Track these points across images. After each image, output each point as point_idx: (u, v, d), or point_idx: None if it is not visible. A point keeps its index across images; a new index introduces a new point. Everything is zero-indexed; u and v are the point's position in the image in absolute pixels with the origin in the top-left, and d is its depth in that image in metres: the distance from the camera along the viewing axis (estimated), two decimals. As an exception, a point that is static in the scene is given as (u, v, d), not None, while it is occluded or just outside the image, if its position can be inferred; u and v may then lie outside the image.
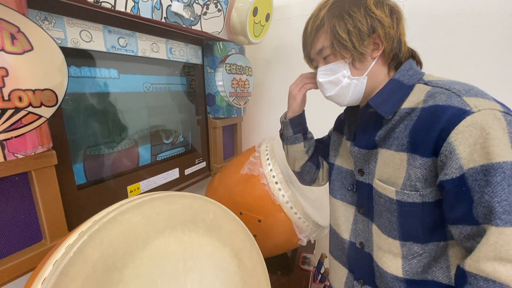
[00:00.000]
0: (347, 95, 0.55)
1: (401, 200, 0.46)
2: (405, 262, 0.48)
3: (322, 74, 0.56)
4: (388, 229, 0.50)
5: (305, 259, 1.04)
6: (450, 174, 0.39)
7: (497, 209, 0.35)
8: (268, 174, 0.81)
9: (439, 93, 0.44)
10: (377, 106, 0.51)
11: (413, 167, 0.44)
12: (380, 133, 0.51)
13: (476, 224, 0.38)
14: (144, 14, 0.65)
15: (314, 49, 0.56)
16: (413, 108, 0.47)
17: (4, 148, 0.44)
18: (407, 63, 0.53)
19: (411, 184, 0.45)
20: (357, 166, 0.58)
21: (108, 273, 0.35)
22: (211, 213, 0.51)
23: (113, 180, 0.73)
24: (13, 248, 0.52)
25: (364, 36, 0.50)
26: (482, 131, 0.36)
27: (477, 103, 0.39)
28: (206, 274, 0.46)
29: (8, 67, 0.42)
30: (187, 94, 0.99)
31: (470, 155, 0.37)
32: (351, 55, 0.51)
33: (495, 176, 0.35)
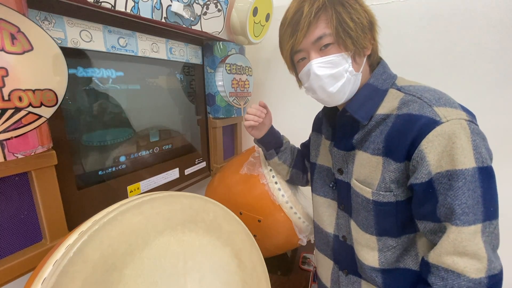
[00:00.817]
0: (346, 93, 0.52)
1: (376, 200, 0.49)
2: (381, 255, 0.52)
3: (320, 66, 0.50)
4: (365, 226, 0.53)
5: (305, 259, 1.04)
6: (420, 179, 0.43)
7: (457, 210, 0.40)
8: (268, 174, 0.81)
9: (412, 101, 0.46)
10: (354, 111, 0.52)
11: (388, 170, 0.47)
12: (357, 137, 0.53)
13: (438, 221, 0.43)
14: (144, 14, 0.65)
15: (309, 36, 0.49)
16: (388, 114, 0.49)
17: (4, 148, 0.44)
18: (381, 67, 0.54)
19: (386, 186, 0.48)
20: (336, 165, 0.60)
21: (108, 273, 0.35)
22: (211, 213, 0.51)
23: (113, 180, 0.73)
24: (13, 248, 0.52)
25: (365, 29, 0.49)
26: (449, 140, 0.40)
27: (446, 113, 0.42)
28: (206, 274, 0.46)
29: (8, 67, 0.42)
30: (187, 94, 0.99)
31: (438, 161, 0.41)
32: (354, 47, 0.49)
33: (457, 181, 0.40)
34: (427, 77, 0.98)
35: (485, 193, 0.40)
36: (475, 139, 0.40)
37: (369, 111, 0.51)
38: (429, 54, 0.98)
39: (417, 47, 0.99)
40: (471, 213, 0.39)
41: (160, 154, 0.88)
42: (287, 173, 0.79)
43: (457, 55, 0.94)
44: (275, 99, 1.33)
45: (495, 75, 0.90)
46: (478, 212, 0.39)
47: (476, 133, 0.41)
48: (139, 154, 0.81)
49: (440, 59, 0.96)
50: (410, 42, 1.00)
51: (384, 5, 1.02)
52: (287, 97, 1.29)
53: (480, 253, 0.39)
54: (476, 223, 0.39)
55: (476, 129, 0.42)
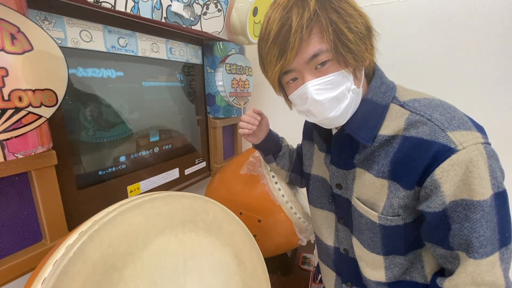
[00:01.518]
0: (348, 113, 0.46)
1: (384, 224, 0.47)
2: (388, 271, 0.50)
3: (319, 89, 0.43)
4: (371, 246, 0.50)
5: (305, 259, 1.04)
6: (433, 208, 0.40)
7: (475, 243, 0.38)
8: (268, 174, 0.81)
9: (420, 123, 0.41)
10: (355, 133, 0.47)
11: (396, 197, 0.44)
12: (359, 157, 0.49)
13: (450, 249, 0.41)
14: (144, 14, 0.65)
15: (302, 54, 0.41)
16: (393, 135, 0.44)
17: (4, 148, 0.44)
18: (377, 78, 0.48)
19: (394, 211, 0.45)
20: (334, 180, 0.56)
21: (108, 273, 0.35)
22: (211, 213, 0.51)
23: (113, 180, 0.73)
24: (13, 248, 0.52)
25: (364, 38, 0.42)
26: (466, 169, 0.37)
27: (461, 139, 0.38)
28: (206, 274, 0.46)
29: (8, 67, 0.42)
30: (187, 94, 0.99)
31: (454, 191, 0.38)
32: (356, 62, 0.42)
33: (475, 213, 0.37)
34: (427, 77, 0.98)
35: (501, 220, 0.38)
36: (491, 163, 0.38)
37: (371, 132, 0.46)
38: (429, 54, 0.98)
39: (417, 47, 0.99)
40: (489, 244, 0.38)
41: (160, 154, 0.88)
42: (286, 177, 0.79)
43: (458, 55, 0.94)
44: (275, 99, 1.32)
45: (496, 75, 0.90)
46: (495, 241, 0.38)
47: (491, 155, 0.38)
48: (139, 154, 0.81)
49: (441, 59, 0.96)
50: (410, 42, 1.00)
51: (384, 5, 1.02)
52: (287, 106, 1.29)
53: (498, 282, 0.38)
54: (493, 252, 0.38)
55: (491, 151, 0.39)
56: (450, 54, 0.95)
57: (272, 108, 1.36)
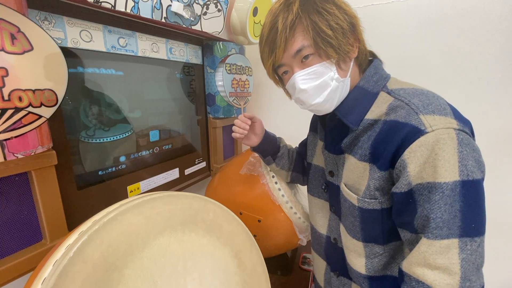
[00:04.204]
0: (335, 100, 0.50)
1: (362, 207, 0.48)
2: (368, 261, 0.51)
3: (304, 79, 0.49)
4: (352, 231, 0.52)
5: (305, 259, 1.04)
6: (400, 188, 0.42)
7: (431, 224, 0.39)
8: (268, 174, 0.81)
9: (400, 107, 0.44)
10: (343, 116, 0.51)
11: (373, 178, 0.46)
12: (346, 141, 0.52)
13: (415, 232, 0.43)
14: (144, 14, 0.65)
15: (288, 50, 0.48)
16: (376, 119, 0.48)
17: (4, 148, 0.44)
18: (373, 67, 0.52)
19: (371, 193, 0.47)
20: (327, 167, 0.59)
21: (108, 273, 0.35)
22: (211, 213, 0.51)
23: (113, 180, 0.73)
24: (13, 248, 0.52)
25: (347, 33, 0.47)
26: (432, 151, 0.39)
27: (432, 122, 0.40)
28: (206, 274, 0.46)
29: (8, 67, 0.42)
30: (187, 94, 0.99)
31: (419, 173, 0.40)
32: (337, 54, 0.47)
33: (435, 194, 0.39)
34: (427, 77, 0.98)
35: (466, 208, 0.38)
36: (462, 150, 0.38)
37: (358, 116, 0.50)
38: (429, 54, 0.98)
39: (417, 47, 0.99)
40: (445, 227, 0.38)
41: (160, 154, 0.88)
42: (287, 177, 0.79)
43: (458, 55, 0.94)
44: (275, 99, 1.33)
45: (497, 75, 0.90)
46: (454, 227, 0.38)
47: (465, 143, 0.39)
48: (139, 154, 0.81)
49: (440, 59, 0.96)
50: (410, 42, 1.00)
51: (384, 5, 1.02)
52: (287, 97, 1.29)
53: (452, 268, 0.38)
54: (450, 237, 0.38)
55: (466, 139, 0.39)
56: (450, 54, 0.95)
57: (272, 108, 1.36)
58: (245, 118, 0.69)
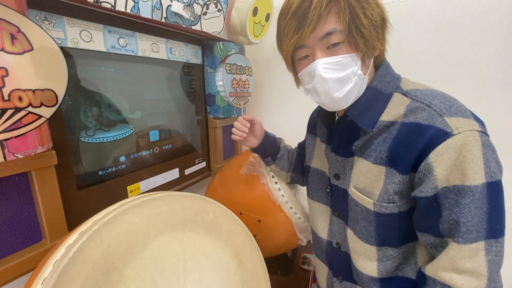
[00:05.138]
0: (351, 98, 0.48)
1: (378, 211, 0.47)
2: (380, 264, 0.50)
3: (327, 68, 0.44)
4: (365, 236, 0.50)
5: (305, 259, 1.04)
6: (425, 192, 0.40)
7: (461, 228, 0.38)
8: (268, 174, 0.81)
9: (420, 109, 0.43)
10: (356, 118, 0.49)
11: (392, 182, 0.45)
12: (358, 143, 0.50)
13: (440, 236, 0.41)
14: (144, 14, 0.65)
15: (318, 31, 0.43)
16: (392, 121, 0.46)
17: (4, 148, 0.44)
18: (384, 67, 0.50)
19: (389, 197, 0.45)
20: (332, 170, 0.57)
21: (108, 273, 0.35)
22: (211, 213, 0.51)
23: (113, 180, 0.73)
24: (13, 248, 0.52)
25: (378, 28, 0.44)
26: (460, 154, 0.38)
27: (458, 124, 0.39)
28: (206, 274, 0.46)
29: (8, 67, 0.42)
30: (187, 94, 0.99)
31: (446, 176, 0.39)
32: (366, 48, 0.43)
33: (465, 198, 0.37)
34: (427, 77, 0.98)
35: (492, 210, 0.38)
36: (485, 152, 0.38)
37: (373, 118, 0.48)
38: (429, 54, 0.98)
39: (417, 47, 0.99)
40: (475, 231, 0.38)
41: (160, 154, 0.88)
42: (287, 178, 0.79)
43: (458, 55, 0.94)
44: (275, 99, 1.33)
45: (498, 75, 0.90)
46: (481, 229, 0.38)
47: (487, 145, 0.38)
48: (139, 154, 0.81)
49: (441, 59, 0.96)
50: (410, 42, 1.00)
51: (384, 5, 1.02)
52: (287, 97, 1.29)
53: (480, 271, 0.38)
54: (478, 240, 0.38)
55: (487, 141, 0.39)
56: (450, 54, 0.95)
57: (272, 108, 1.36)
58: (244, 120, 0.69)
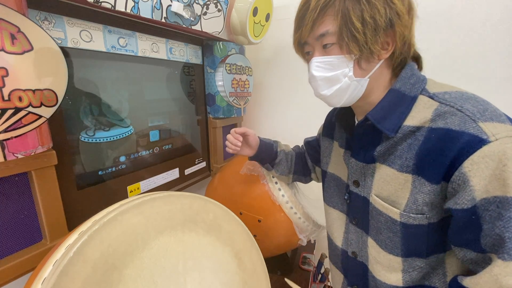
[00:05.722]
0: (343, 97, 0.48)
1: (406, 222, 0.44)
2: (406, 275, 0.48)
3: (318, 66, 0.47)
4: (389, 247, 0.48)
5: (305, 259, 1.04)
6: (461, 204, 0.37)
7: (507, 244, 0.34)
8: (268, 174, 0.81)
9: (450, 113, 0.40)
10: (378, 122, 0.46)
11: (421, 192, 0.42)
12: (380, 149, 0.48)
13: (482, 252, 0.38)
14: (144, 14, 0.65)
15: (314, 31, 0.45)
16: (418, 126, 0.43)
17: (4, 148, 0.44)
18: (408, 69, 0.47)
19: (418, 208, 0.43)
20: (352, 177, 0.55)
21: (108, 273, 0.35)
22: (211, 213, 0.51)
23: (113, 180, 0.73)
24: (13, 248, 0.52)
25: (379, 31, 0.42)
26: (499, 162, 0.34)
27: (494, 130, 0.36)
28: (206, 274, 0.46)
29: (8, 67, 0.42)
30: (187, 94, 0.99)
31: (485, 186, 0.35)
32: (360, 51, 0.43)
33: (509, 211, 0.34)
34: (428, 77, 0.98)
35: None
36: None
37: (396, 122, 0.45)
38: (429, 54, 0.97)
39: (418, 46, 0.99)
40: None
41: (160, 154, 0.88)
42: (288, 180, 0.79)
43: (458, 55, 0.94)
44: (275, 99, 1.33)
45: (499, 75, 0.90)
46: None
47: None
48: (139, 154, 0.81)
49: (441, 59, 0.96)
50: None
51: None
52: (287, 97, 1.29)
53: None
54: None
55: None
56: (450, 54, 0.95)
57: (272, 108, 1.36)
58: (236, 134, 0.68)
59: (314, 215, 0.83)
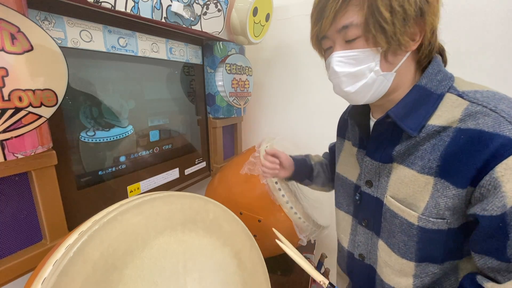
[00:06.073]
0: (368, 94, 0.44)
1: (424, 226, 0.42)
2: (417, 280, 0.46)
3: (340, 61, 0.43)
4: (402, 251, 0.46)
5: (305, 259, 1.04)
6: (490, 211, 0.36)
7: None
8: (268, 174, 0.80)
9: (482, 114, 0.37)
10: (400, 119, 0.43)
11: (444, 196, 0.40)
12: (400, 148, 0.45)
13: (507, 261, 0.36)
14: (144, 14, 0.65)
15: (335, 23, 0.41)
16: (444, 126, 0.40)
17: (4, 148, 0.44)
18: (435, 64, 0.45)
19: (439, 212, 0.40)
20: (365, 176, 0.52)
21: (108, 273, 0.35)
22: (211, 213, 0.51)
23: (113, 180, 0.73)
24: (13, 248, 0.52)
25: (409, 20, 0.39)
26: None
27: None
28: (206, 274, 0.46)
29: (8, 67, 0.42)
30: (187, 94, 0.99)
31: None
32: (387, 44, 0.39)
33: None
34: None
35: None
36: None
37: (419, 121, 0.42)
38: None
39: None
40: None
41: (160, 154, 0.88)
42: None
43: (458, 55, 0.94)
44: (275, 99, 1.33)
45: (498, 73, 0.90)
46: None
47: None
48: (139, 154, 0.81)
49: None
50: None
51: None
52: (287, 97, 1.29)
53: None
54: None
55: None
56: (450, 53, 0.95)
57: (272, 108, 1.36)
58: (271, 157, 0.65)
59: (314, 215, 0.83)
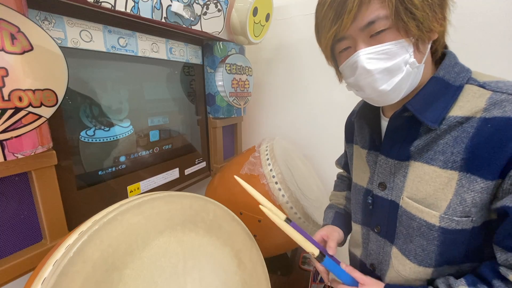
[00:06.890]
0: (403, 90, 0.41)
1: (446, 227, 0.39)
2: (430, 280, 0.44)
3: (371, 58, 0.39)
4: (420, 258, 0.43)
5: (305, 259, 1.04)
6: None
7: None
8: (268, 174, 0.81)
9: (509, 102, 0.35)
10: (419, 112, 0.41)
11: (471, 190, 0.37)
12: (419, 143, 0.42)
13: None
14: (144, 14, 0.65)
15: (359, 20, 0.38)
16: (468, 117, 0.38)
17: (4, 148, 0.44)
18: (451, 56, 0.43)
19: (465, 210, 0.38)
20: (378, 178, 0.49)
21: (108, 273, 0.35)
22: (211, 213, 0.51)
23: (113, 180, 0.73)
24: (13, 248, 0.52)
25: (435, 7, 0.37)
26: None
27: None
28: (206, 274, 0.46)
29: (8, 67, 0.42)
30: (187, 94, 0.99)
31: None
32: (420, 31, 0.37)
33: None
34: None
35: None
36: None
37: (439, 113, 0.40)
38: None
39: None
40: None
41: (160, 154, 0.88)
42: None
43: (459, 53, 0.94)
44: (275, 99, 1.33)
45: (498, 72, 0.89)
46: None
47: None
48: (139, 154, 0.81)
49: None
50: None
51: None
52: (287, 97, 1.29)
53: None
54: None
55: None
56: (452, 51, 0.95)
57: (272, 108, 1.36)
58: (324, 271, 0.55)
59: (314, 215, 0.83)
